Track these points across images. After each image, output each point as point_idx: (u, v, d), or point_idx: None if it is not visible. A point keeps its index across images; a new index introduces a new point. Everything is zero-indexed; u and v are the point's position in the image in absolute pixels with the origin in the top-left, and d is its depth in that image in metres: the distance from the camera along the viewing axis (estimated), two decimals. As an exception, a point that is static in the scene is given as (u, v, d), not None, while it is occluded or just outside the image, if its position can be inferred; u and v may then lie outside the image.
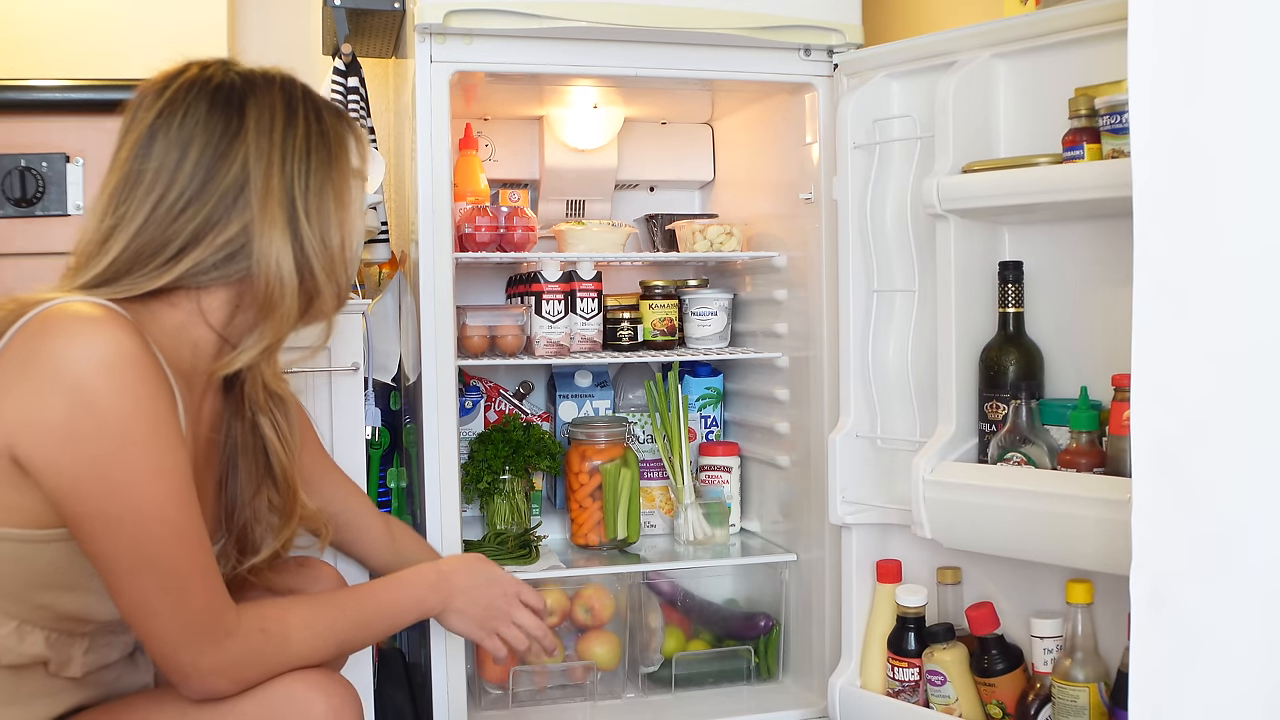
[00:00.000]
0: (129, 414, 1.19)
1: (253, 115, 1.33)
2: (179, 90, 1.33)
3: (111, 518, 1.21)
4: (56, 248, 1.87)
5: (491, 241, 2.26)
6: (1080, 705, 1.73)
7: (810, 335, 2.28)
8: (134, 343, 1.20)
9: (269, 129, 1.33)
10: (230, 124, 1.32)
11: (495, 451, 2.38)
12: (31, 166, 1.85)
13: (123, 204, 1.30)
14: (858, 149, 2.03)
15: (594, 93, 2.43)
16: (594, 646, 2.33)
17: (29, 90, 1.89)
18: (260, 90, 1.35)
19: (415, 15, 2.00)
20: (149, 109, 1.33)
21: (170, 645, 1.27)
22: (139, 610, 1.25)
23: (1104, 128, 1.70)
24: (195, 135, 1.31)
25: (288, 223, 1.33)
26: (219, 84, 1.34)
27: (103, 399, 1.18)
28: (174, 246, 1.29)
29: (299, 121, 1.36)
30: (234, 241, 1.31)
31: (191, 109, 1.32)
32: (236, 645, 1.30)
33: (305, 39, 2.72)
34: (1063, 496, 1.69)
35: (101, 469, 1.19)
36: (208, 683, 1.29)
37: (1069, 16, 1.79)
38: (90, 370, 1.17)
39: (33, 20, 2.54)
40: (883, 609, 2.06)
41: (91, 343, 1.18)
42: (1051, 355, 1.91)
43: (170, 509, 1.24)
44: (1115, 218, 1.75)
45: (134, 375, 1.19)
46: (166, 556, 1.24)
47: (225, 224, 1.30)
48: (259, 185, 1.31)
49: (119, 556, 1.23)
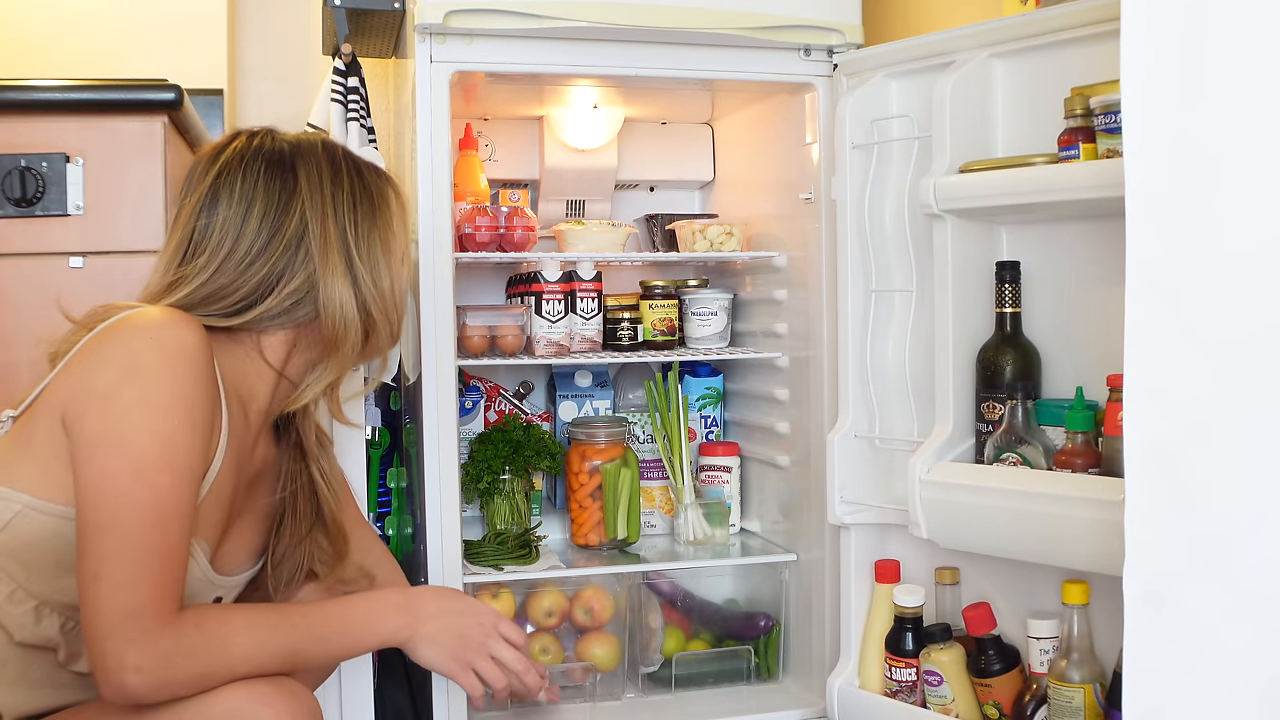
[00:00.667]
0: (165, 392, 1.28)
1: (303, 174, 1.47)
2: (234, 155, 1.47)
3: (109, 470, 1.26)
4: (56, 248, 1.88)
5: (491, 241, 2.26)
6: (1076, 706, 1.73)
7: (810, 335, 2.28)
8: (196, 340, 1.32)
9: (320, 185, 1.47)
10: (286, 183, 1.46)
11: (495, 451, 2.38)
12: (31, 166, 1.85)
13: (190, 259, 1.44)
14: (856, 149, 2.03)
15: (594, 93, 2.44)
16: (593, 648, 2.32)
17: (29, 90, 1.90)
18: (306, 152, 1.50)
19: (415, 15, 2.00)
20: (205, 174, 1.46)
21: (105, 622, 1.23)
22: (90, 575, 1.24)
23: (1099, 127, 1.70)
24: (257, 195, 1.44)
25: (347, 268, 1.46)
26: (270, 149, 1.48)
27: (151, 373, 1.28)
28: (242, 293, 1.43)
29: (344, 178, 1.50)
30: (300, 289, 1.44)
31: (249, 170, 1.46)
32: (169, 639, 1.25)
33: (305, 39, 2.73)
34: (1057, 497, 1.69)
35: (122, 429, 1.27)
36: (128, 680, 1.23)
37: (1066, 16, 1.79)
38: (147, 349, 1.29)
39: (33, 20, 2.55)
40: (881, 609, 2.06)
41: (157, 331, 1.31)
42: (1049, 355, 1.91)
43: (165, 477, 1.27)
44: (1111, 218, 1.74)
45: (184, 362, 1.30)
46: (138, 524, 1.25)
47: (291, 273, 1.44)
48: (318, 235, 1.45)
49: (99, 511, 1.25)
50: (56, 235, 1.88)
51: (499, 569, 2.23)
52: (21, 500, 1.30)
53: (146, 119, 1.91)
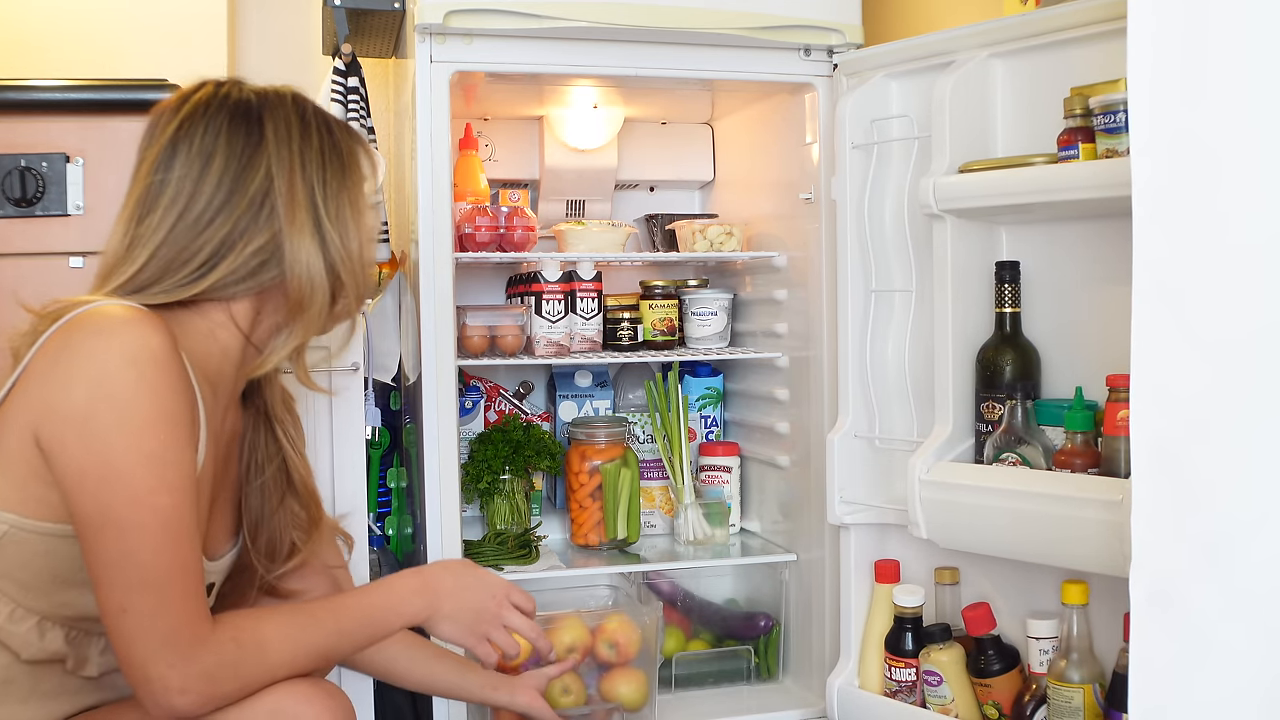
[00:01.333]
0: (144, 406, 1.22)
1: (270, 128, 1.38)
2: (197, 106, 1.38)
3: (107, 501, 1.22)
4: (56, 248, 1.88)
5: (491, 241, 2.26)
6: (1075, 706, 1.73)
7: (810, 335, 2.28)
8: (161, 342, 1.24)
9: (287, 140, 1.38)
10: (251, 136, 1.37)
11: (495, 451, 2.38)
12: (31, 166, 1.85)
13: (147, 216, 1.35)
14: (856, 149, 2.04)
15: (594, 93, 2.44)
16: (619, 686, 2.16)
17: (29, 90, 1.90)
18: (274, 105, 1.40)
19: (415, 15, 2.00)
20: (167, 125, 1.38)
21: (140, 651, 1.23)
22: (115, 608, 1.23)
23: (1098, 127, 1.70)
24: (217, 147, 1.35)
25: (314, 227, 1.38)
26: (236, 100, 1.39)
27: (123, 390, 1.21)
28: (202, 256, 1.34)
29: (313, 133, 1.41)
30: (265, 250, 1.35)
31: (211, 123, 1.36)
32: (209, 657, 1.26)
33: (305, 39, 2.72)
34: (1057, 497, 1.69)
35: (108, 454, 1.21)
36: (172, 700, 1.23)
37: (1065, 16, 1.79)
38: (116, 364, 1.22)
39: (33, 20, 2.55)
40: (881, 609, 2.06)
41: (120, 339, 1.23)
42: (1048, 355, 1.91)
43: (164, 499, 1.24)
44: (1111, 217, 1.76)
45: (155, 371, 1.23)
46: (150, 551, 1.23)
47: (254, 233, 1.35)
48: (284, 193, 1.36)
49: (106, 544, 1.22)
50: (56, 235, 1.88)
51: (499, 569, 2.23)
52: (7, 520, 1.26)
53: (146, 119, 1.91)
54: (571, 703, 2.15)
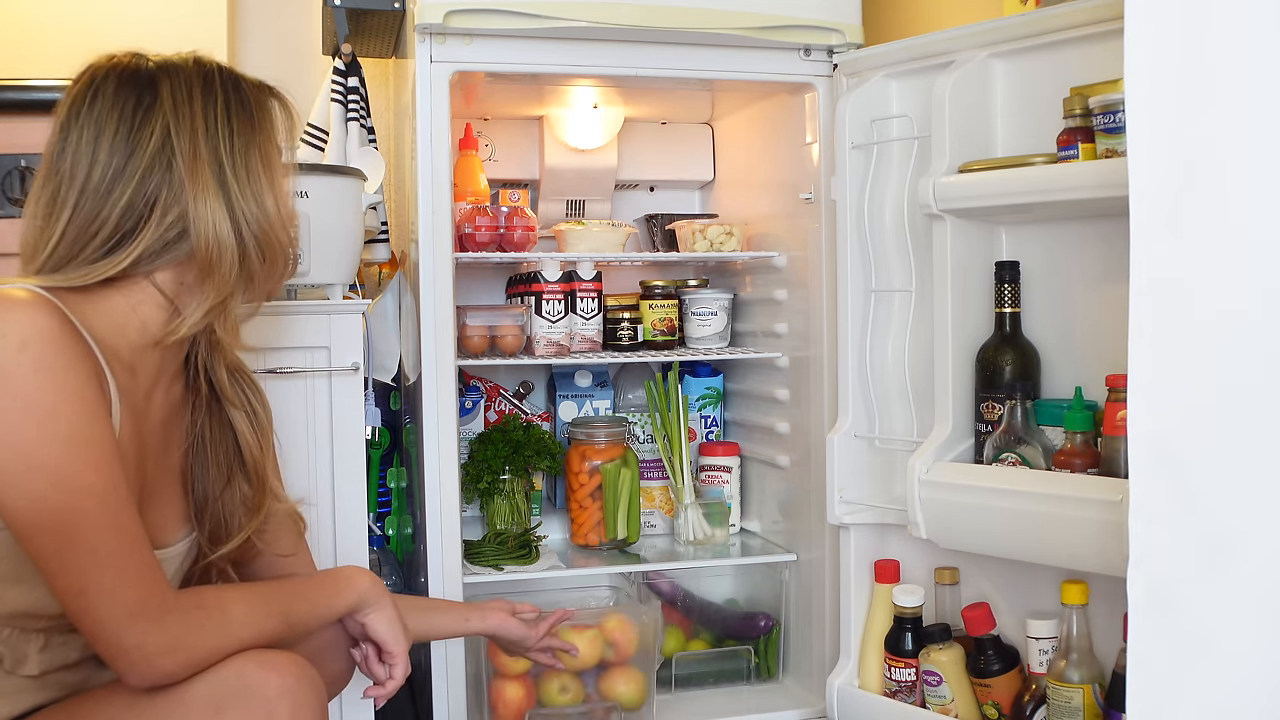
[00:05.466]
0: (46, 390, 1.19)
1: (166, 88, 1.35)
2: (85, 78, 1.36)
3: (35, 491, 1.19)
4: (56, 247, 1.88)
5: (491, 241, 2.26)
6: (1075, 706, 1.73)
7: (810, 335, 2.28)
8: (51, 322, 1.21)
9: (187, 99, 1.35)
10: (143, 98, 1.33)
11: (495, 451, 2.38)
12: (31, 166, 1.85)
13: (52, 194, 1.32)
14: (856, 149, 2.04)
15: (594, 93, 2.44)
16: (618, 685, 2.19)
17: (29, 90, 1.90)
18: (172, 68, 1.37)
19: (415, 15, 2.00)
20: (63, 101, 1.36)
21: (111, 627, 1.22)
22: (74, 592, 1.22)
23: (1098, 127, 1.70)
24: (107, 115, 1.32)
25: (219, 186, 1.34)
26: (126, 67, 1.36)
27: (20, 376, 1.18)
28: (111, 224, 1.31)
29: (216, 90, 1.37)
30: (178, 220, 1.32)
31: (100, 91, 1.34)
32: (177, 620, 1.26)
33: (305, 39, 2.72)
34: (1056, 497, 1.69)
35: (22, 444, 1.19)
36: (155, 664, 1.24)
37: (1065, 16, 1.79)
38: (9, 350, 1.18)
39: (33, 20, 2.55)
40: (880, 609, 2.06)
41: (10, 324, 1.19)
42: (1048, 355, 1.91)
43: (91, 476, 1.22)
44: (1111, 217, 1.75)
45: (51, 351, 1.20)
46: (93, 529, 1.21)
47: (160, 197, 1.31)
48: (186, 151, 1.32)
49: (45, 533, 1.20)
50: (56, 235, 1.87)
51: (499, 569, 2.23)
52: None
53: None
54: (569, 701, 2.17)
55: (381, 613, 1.55)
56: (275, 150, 1.42)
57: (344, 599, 1.51)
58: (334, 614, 1.50)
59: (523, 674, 2.15)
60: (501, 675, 2.16)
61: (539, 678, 2.18)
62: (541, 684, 2.18)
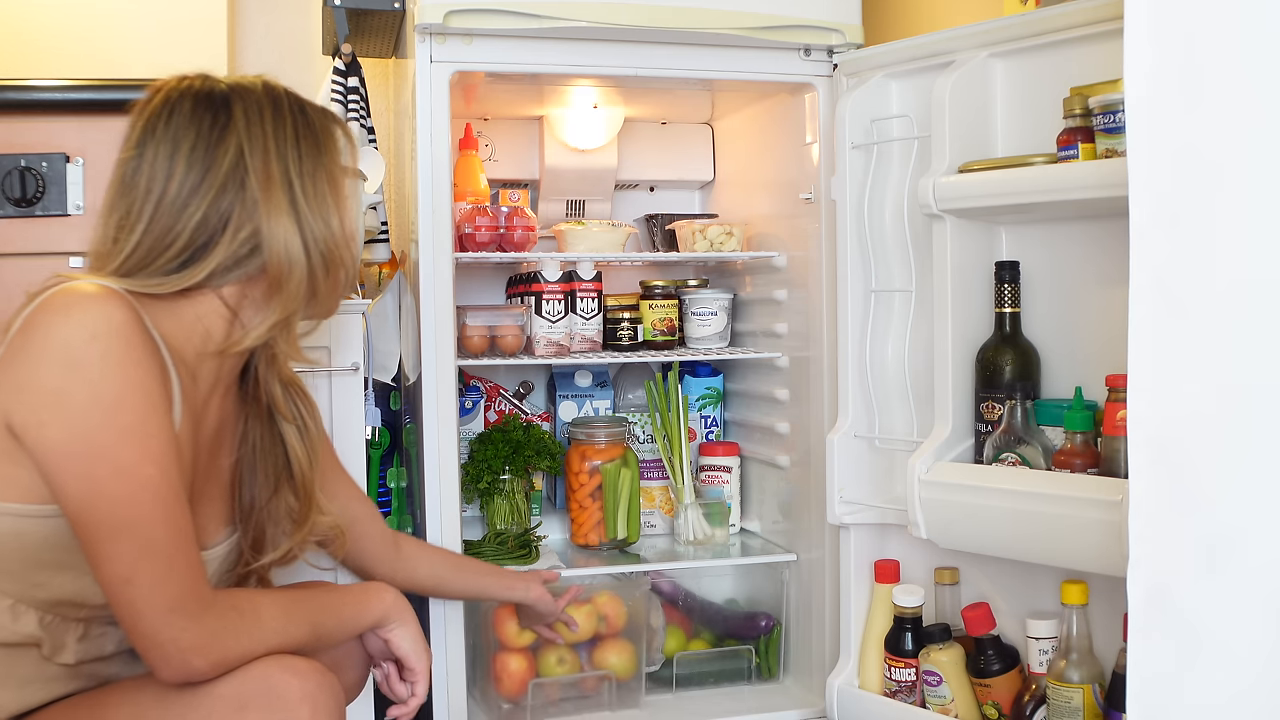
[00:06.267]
0: (116, 378, 1.23)
1: (239, 109, 1.39)
2: (165, 96, 1.40)
3: (94, 477, 1.23)
4: (56, 248, 1.88)
5: (491, 241, 2.26)
6: (1075, 706, 1.73)
7: (810, 335, 2.28)
8: (125, 316, 1.25)
9: (259, 119, 1.40)
10: (218, 118, 1.38)
11: (495, 451, 2.38)
12: (31, 166, 1.85)
13: (126, 206, 1.36)
14: (856, 149, 2.04)
15: (594, 93, 2.44)
16: (609, 656, 2.28)
17: (29, 90, 1.90)
18: (244, 90, 1.42)
19: (415, 15, 2.00)
20: (137, 118, 1.40)
21: (151, 619, 1.25)
22: (120, 581, 1.25)
23: (1098, 127, 1.70)
24: (186, 132, 1.37)
25: (290, 205, 1.39)
26: (200, 88, 1.41)
27: (92, 365, 1.22)
28: (184, 239, 1.35)
29: (285, 113, 1.42)
30: (251, 238, 1.37)
31: (176, 109, 1.38)
32: (214, 620, 1.29)
33: (305, 39, 2.72)
34: (1056, 497, 1.69)
35: (87, 430, 1.23)
36: (188, 660, 1.27)
37: (1065, 15, 1.79)
38: (80, 341, 1.23)
39: (33, 20, 2.55)
40: (880, 609, 2.06)
41: (83, 315, 1.24)
42: (1048, 355, 1.91)
43: (150, 469, 1.25)
44: (1111, 217, 1.75)
45: (121, 344, 1.24)
46: (145, 520, 1.25)
47: (234, 215, 1.36)
48: (259, 171, 1.37)
49: (100, 519, 1.24)
50: (56, 235, 1.88)
51: (499, 569, 2.24)
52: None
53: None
54: (567, 671, 2.26)
55: (405, 629, 1.57)
56: (339, 172, 1.47)
57: (370, 613, 1.54)
58: (359, 627, 1.53)
59: (525, 647, 2.25)
60: (505, 648, 2.24)
61: (538, 651, 2.27)
62: (541, 656, 2.28)
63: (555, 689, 2.26)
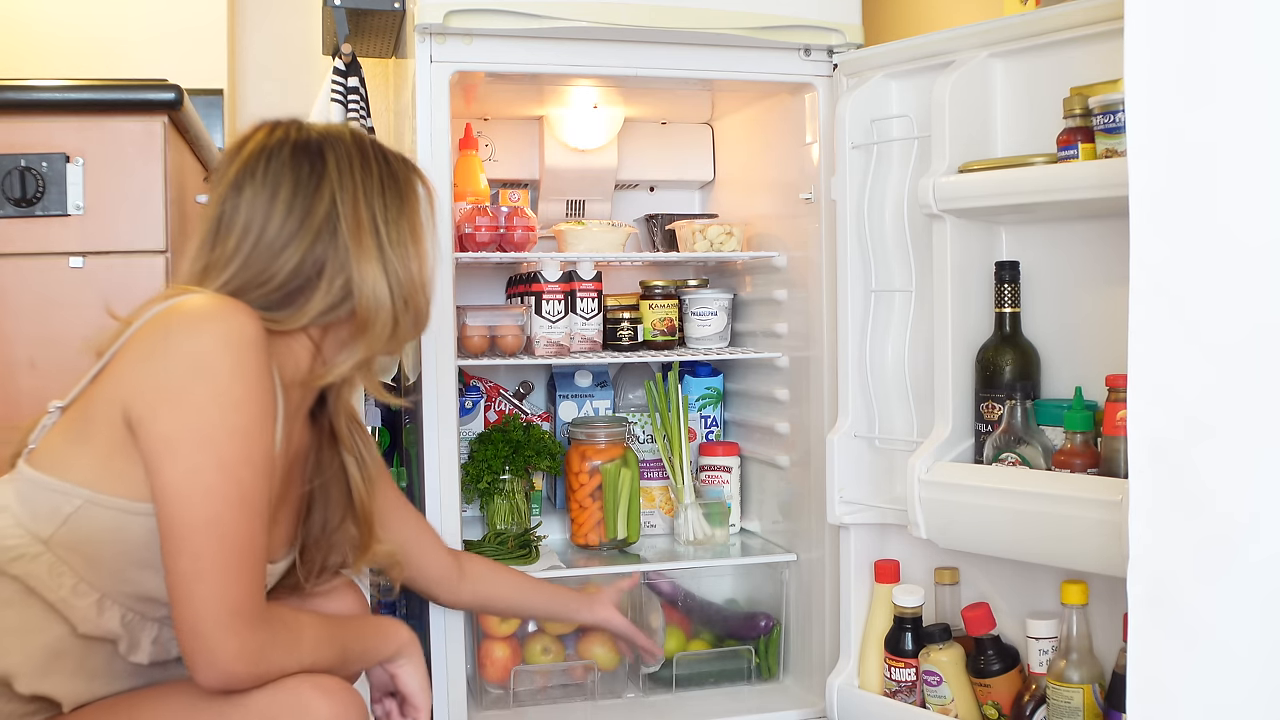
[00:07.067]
0: (240, 385, 1.30)
1: (332, 159, 1.46)
2: (257, 142, 1.47)
3: (196, 467, 1.28)
4: (56, 248, 1.88)
5: (491, 241, 2.26)
6: (1075, 706, 1.73)
7: (810, 335, 2.28)
8: (255, 330, 1.33)
9: (349, 168, 1.46)
10: (315, 166, 1.44)
11: (495, 451, 2.38)
12: (31, 166, 1.85)
13: (221, 243, 1.42)
14: (856, 149, 2.04)
15: (594, 93, 2.44)
16: (594, 646, 2.32)
17: (29, 90, 1.90)
18: (333, 139, 1.48)
19: (415, 15, 2.00)
20: (230, 162, 1.46)
21: (208, 619, 1.27)
22: (189, 575, 1.28)
23: (1098, 127, 1.70)
24: (284, 179, 1.43)
25: (378, 251, 1.45)
26: (296, 138, 1.47)
27: (220, 370, 1.29)
28: (276, 282, 1.41)
29: (372, 163, 1.49)
30: (344, 286, 1.43)
31: (274, 155, 1.44)
32: (264, 632, 1.31)
33: (305, 39, 2.73)
34: (1056, 497, 1.69)
35: (203, 425, 1.28)
36: (231, 666, 1.29)
37: (1065, 15, 1.79)
38: (214, 346, 1.30)
39: (33, 20, 2.55)
40: (880, 609, 2.06)
41: (219, 324, 1.31)
42: (1048, 355, 1.91)
43: (247, 472, 1.30)
44: (1111, 217, 1.75)
45: (250, 355, 1.31)
46: (230, 521, 1.29)
47: (328, 262, 1.42)
48: (350, 218, 1.44)
49: (188, 511, 1.27)
50: (56, 235, 1.88)
51: (499, 569, 2.24)
52: (82, 495, 1.31)
53: (146, 119, 1.91)
54: (551, 660, 2.31)
55: (414, 666, 1.61)
56: (419, 219, 1.54)
57: (389, 646, 1.57)
58: (380, 658, 1.57)
59: (509, 635, 2.29)
60: (490, 636, 2.28)
61: (524, 639, 2.31)
62: (526, 645, 2.31)
63: (540, 676, 2.30)
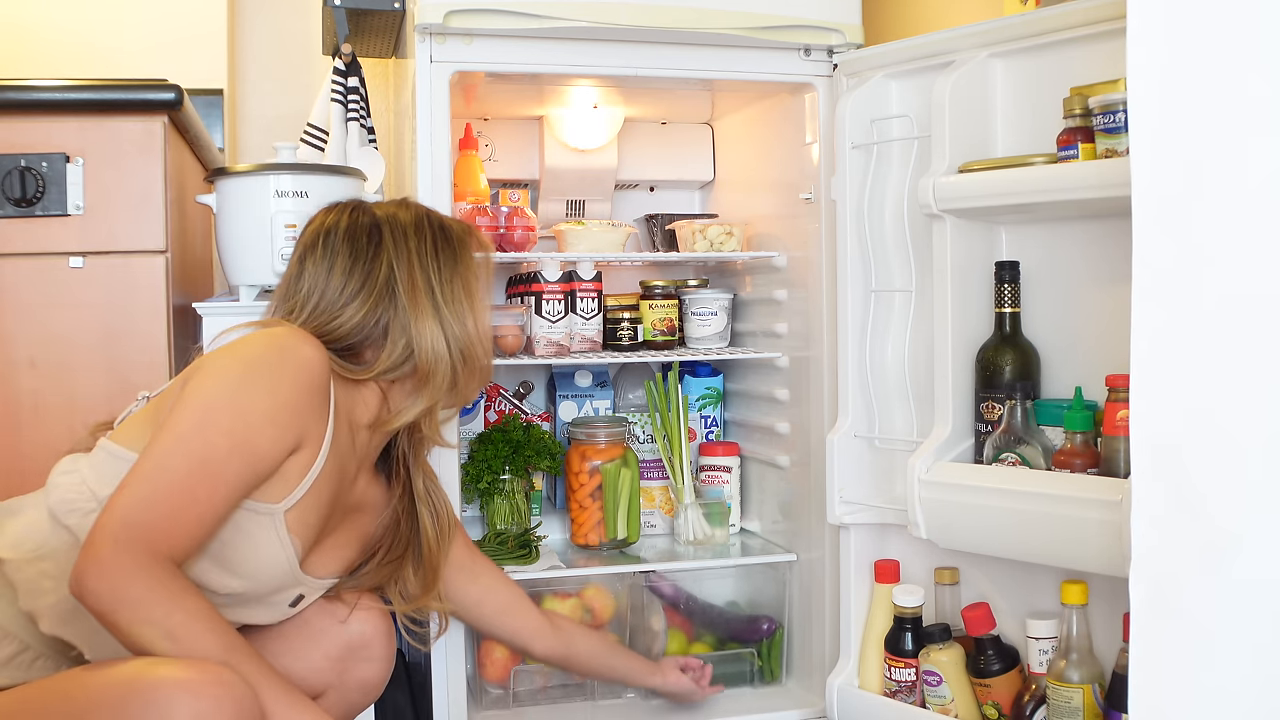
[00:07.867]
0: (266, 380, 1.42)
1: (387, 230, 1.62)
2: (318, 223, 1.64)
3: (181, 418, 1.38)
4: (56, 248, 1.88)
5: (491, 241, 2.26)
6: (1075, 706, 1.73)
7: (810, 335, 2.28)
8: (315, 355, 1.46)
9: (404, 237, 1.62)
10: (371, 237, 1.61)
11: (495, 451, 2.38)
12: (31, 166, 1.85)
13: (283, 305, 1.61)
14: (856, 149, 2.04)
15: (594, 93, 2.44)
16: None
17: (29, 90, 1.90)
18: (390, 216, 1.64)
19: (415, 15, 2.00)
20: (302, 240, 1.64)
21: (110, 520, 1.31)
22: (125, 483, 1.34)
23: (1098, 127, 1.70)
24: (341, 249, 1.60)
25: (434, 309, 1.60)
26: (353, 216, 1.64)
27: (257, 362, 1.43)
28: (341, 332, 1.56)
29: (425, 229, 1.64)
30: (406, 348, 1.58)
31: (334, 231, 1.61)
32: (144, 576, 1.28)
33: (305, 39, 2.73)
34: (1056, 497, 1.69)
35: (210, 390, 1.40)
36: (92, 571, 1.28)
37: (1065, 15, 1.79)
38: (264, 344, 1.45)
39: (33, 20, 2.55)
40: (881, 609, 2.06)
41: (281, 340, 1.46)
42: (1048, 355, 1.91)
43: (223, 442, 1.37)
44: (1111, 217, 1.76)
45: (295, 369, 1.44)
46: (180, 463, 1.35)
47: (390, 326, 1.58)
48: (405, 281, 1.59)
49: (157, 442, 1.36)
50: (56, 235, 1.88)
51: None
52: None
53: (146, 119, 1.92)
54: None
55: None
56: (474, 278, 1.67)
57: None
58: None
59: None
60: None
61: None
62: None
63: (540, 676, 2.30)
